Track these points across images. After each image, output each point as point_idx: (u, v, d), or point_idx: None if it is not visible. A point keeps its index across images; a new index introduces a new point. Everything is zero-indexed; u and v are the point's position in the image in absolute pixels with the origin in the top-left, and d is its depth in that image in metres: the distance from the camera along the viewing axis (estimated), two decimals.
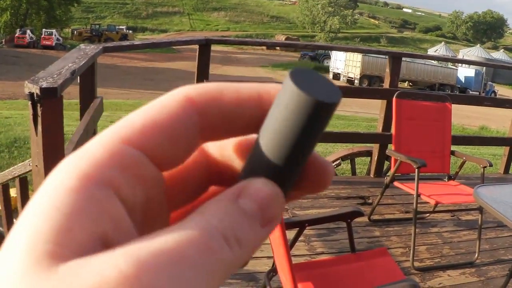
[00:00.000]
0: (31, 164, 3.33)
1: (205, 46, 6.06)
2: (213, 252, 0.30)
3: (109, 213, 0.30)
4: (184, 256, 0.28)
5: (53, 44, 54.88)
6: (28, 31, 55.95)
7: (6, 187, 4.59)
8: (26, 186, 4.24)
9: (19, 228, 0.28)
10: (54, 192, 0.29)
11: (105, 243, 0.29)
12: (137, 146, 0.33)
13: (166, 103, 0.35)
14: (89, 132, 4.42)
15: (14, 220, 4.62)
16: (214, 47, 6.39)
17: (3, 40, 57.56)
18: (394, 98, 5.34)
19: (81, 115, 4.73)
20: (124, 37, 65.69)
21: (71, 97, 9.16)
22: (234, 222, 0.32)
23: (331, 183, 0.39)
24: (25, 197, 4.10)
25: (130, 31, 74.64)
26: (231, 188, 0.34)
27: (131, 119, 0.34)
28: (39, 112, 2.87)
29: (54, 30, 57.61)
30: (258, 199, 0.33)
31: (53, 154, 3.00)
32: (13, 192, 5.19)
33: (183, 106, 0.35)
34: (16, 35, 55.59)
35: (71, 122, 10.42)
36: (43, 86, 2.82)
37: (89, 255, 0.28)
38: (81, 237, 0.28)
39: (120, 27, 75.87)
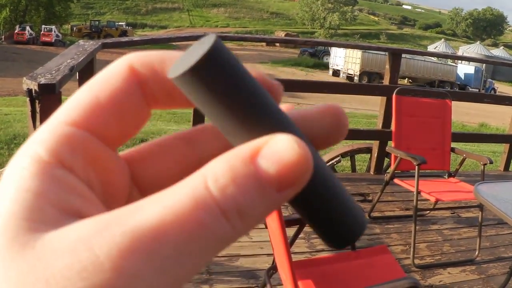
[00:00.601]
0: None
1: None
2: (204, 227, 0.28)
3: (74, 190, 0.30)
4: (167, 236, 0.27)
5: (53, 41, 54.87)
6: (28, 28, 55.92)
7: None
8: None
9: None
10: (18, 177, 0.29)
11: (78, 217, 0.29)
12: (82, 127, 0.33)
13: (108, 78, 0.35)
14: None
15: None
16: None
17: (3, 37, 57.52)
18: (394, 95, 5.32)
19: None
20: (124, 33, 65.69)
21: (70, 94, 9.14)
22: (240, 190, 0.29)
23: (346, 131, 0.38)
24: None
25: (130, 28, 74.67)
26: (248, 143, 0.31)
27: (76, 99, 0.34)
28: (38, 109, 2.86)
29: (53, 27, 57.55)
30: (282, 160, 0.30)
31: None
32: None
33: (125, 79, 0.35)
34: (16, 31, 55.59)
35: None
36: (41, 82, 2.80)
37: (64, 227, 0.28)
38: (53, 212, 0.28)
39: (120, 23, 75.69)
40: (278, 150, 0.30)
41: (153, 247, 0.27)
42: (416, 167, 4.58)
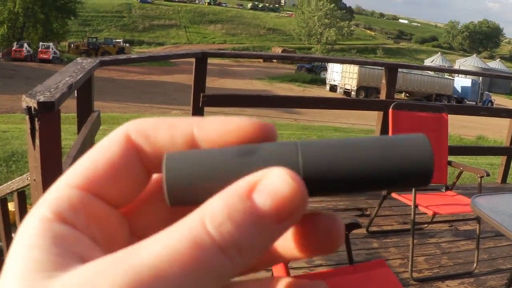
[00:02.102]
0: (29, 178, 3.33)
1: (201, 59, 6.08)
2: (203, 265, 0.30)
3: (76, 241, 0.34)
4: (167, 274, 0.29)
5: (50, 58, 54.78)
6: (25, 45, 55.82)
7: (4, 201, 4.59)
8: (24, 200, 4.25)
9: (10, 263, 0.33)
10: (27, 236, 0.33)
11: (82, 262, 0.32)
12: (84, 189, 0.37)
13: (107, 146, 0.38)
14: (87, 146, 4.42)
15: (13, 234, 4.63)
16: (210, 60, 6.41)
17: (0, 54, 57.49)
18: (390, 109, 5.34)
19: (79, 129, 4.72)
20: (121, 50, 65.69)
21: (69, 111, 9.16)
22: (237, 227, 0.31)
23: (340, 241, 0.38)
24: (23, 211, 4.10)
25: (127, 44, 74.58)
26: (244, 179, 0.33)
27: (79, 164, 0.38)
28: (37, 126, 2.87)
29: (51, 44, 57.50)
30: (277, 194, 0.32)
31: (51, 168, 3.00)
32: (11, 206, 5.19)
33: (122, 147, 0.38)
34: (13, 48, 55.43)
35: (69, 136, 10.43)
36: (40, 100, 2.82)
37: (71, 270, 0.31)
38: (60, 261, 0.32)
39: (117, 40, 75.81)
40: (273, 184, 0.32)
41: (153, 285, 0.29)
42: None
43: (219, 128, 0.37)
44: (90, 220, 0.36)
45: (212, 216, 0.31)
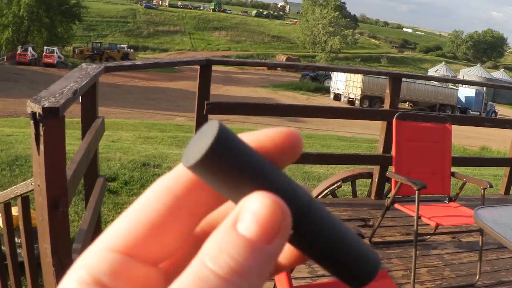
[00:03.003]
0: (33, 183, 3.33)
1: (206, 66, 6.07)
2: None
3: None
4: None
5: (55, 62, 54.80)
6: (30, 49, 55.87)
7: (7, 205, 4.59)
8: (27, 205, 4.24)
9: None
10: None
11: None
12: (124, 253, 0.37)
13: (149, 203, 0.38)
14: (91, 152, 4.43)
15: (16, 239, 4.63)
16: (215, 67, 6.41)
17: (5, 57, 57.53)
18: (394, 120, 5.34)
19: (83, 134, 4.73)
20: (126, 55, 65.69)
21: (73, 116, 9.17)
22: (231, 256, 0.33)
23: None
24: (26, 216, 4.09)
25: (132, 50, 74.61)
26: (230, 214, 0.36)
27: (119, 225, 0.38)
28: (41, 132, 2.88)
29: (55, 48, 57.51)
30: (257, 217, 0.35)
31: (54, 174, 3.01)
32: (15, 211, 5.19)
33: (164, 203, 0.38)
34: (18, 52, 55.52)
35: (73, 141, 10.42)
36: (45, 106, 2.82)
37: None
38: None
39: (122, 45, 75.76)
40: (252, 208, 0.35)
41: None
42: (417, 192, 4.59)
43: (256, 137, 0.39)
44: (128, 285, 0.36)
45: (208, 254, 0.33)
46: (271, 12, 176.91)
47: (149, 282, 0.38)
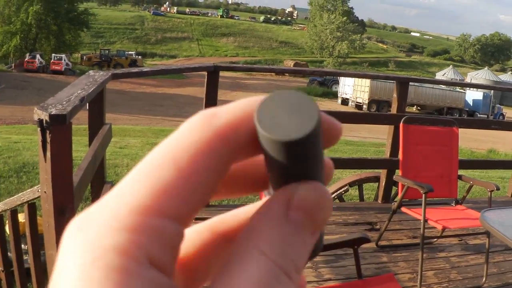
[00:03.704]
0: (39, 190, 3.34)
1: (213, 72, 6.09)
2: None
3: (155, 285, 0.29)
4: None
5: (62, 69, 54.92)
6: (38, 56, 56.02)
7: (14, 212, 4.61)
8: (34, 212, 4.26)
9: None
10: (101, 272, 0.28)
11: None
12: (156, 213, 0.31)
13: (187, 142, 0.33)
14: (98, 159, 4.45)
15: (22, 245, 4.65)
16: (223, 73, 6.42)
17: (13, 65, 57.70)
18: (401, 124, 5.36)
19: (90, 141, 4.75)
20: (133, 62, 65.78)
21: (80, 123, 9.20)
22: (292, 249, 0.32)
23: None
24: (33, 223, 4.12)
25: (139, 57, 74.69)
26: (276, 199, 0.34)
27: (141, 183, 0.32)
28: (48, 139, 2.90)
29: (63, 55, 57.67)
30: (308, 206, 0.33)
31: (61, 181, 3.02)
32: (21, 217, 5.22)
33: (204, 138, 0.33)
34: (26, 59, 55.64)
35: (80, 147, 10.46)
36: (52, 113, 2.84)
37: None
38: None
39: (129, 52, 75.93)
40: (307, 199, 0.33)
41: None
42: (423, 195, 4.60)
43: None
44: (167, 251, 0.31)
45: (268, 245, 0.31)
46: (279, 18, 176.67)
47: (179, 242, 0.33)
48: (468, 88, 55.04)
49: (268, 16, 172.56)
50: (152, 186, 0.31)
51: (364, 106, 50.85)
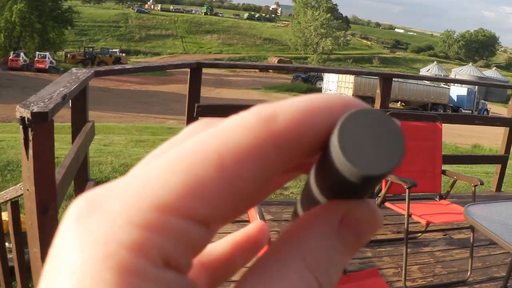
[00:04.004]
0: (22, 188, 3.33)
1: (196, 69, 6.09)
2: None
3: None
4: None
5: (47, 67, 54.85)
6: (22, 54, 55.92)
7: None
8: (17, 210, 4.24)
9: None
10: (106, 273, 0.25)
11: None
12: (182, 215, 0.27)
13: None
14: (81, 156, 4.44)
15: (6, 243, 4.63)
16: (206, 70, 6.42)
17: None
18: None
19: (73, 139, 4.74)
20: (118, 60, 65.80)
21: (64, 120, 9.14)
22: (334, 267, 0.31)
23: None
24: (16, 221, 4.09)
25: (124, 54, 74.68)
26: (330, 211, 0.32)
27: (174, 175, 0.28)
28: (30, 136, 2.89)
29: (47, 53, 57.55)
30: (360, 228, 0.32)
31: (43, 178, 3.01)
32: (5, 215, 5.19)
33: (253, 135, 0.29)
34: (10, 57, 55.51)
35: (64, 145, 10.43)
36: (34, 111, 2.83)
37: None
38: None
39: (114, 50, 75.79)
40: (359, 219, 0.32)
41: None
42: (407, 190, 4.60)
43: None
44: (186, 252, 0.28)
45: (311, 256, 0.30)
46: (263, 15, 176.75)
47: (203, 244, 0.30)
48: (452, 84, 55.22)
49: (252, 13, 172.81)
50: (186, 182, 0.27)
51: None
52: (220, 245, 0.40)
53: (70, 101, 4.44)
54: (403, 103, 54.45)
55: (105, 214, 0.27)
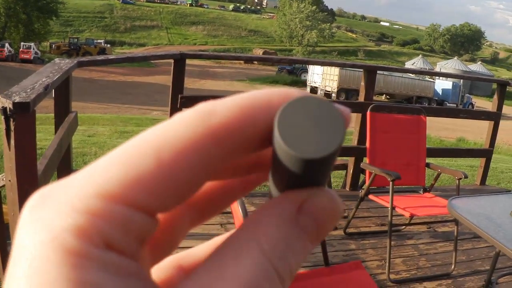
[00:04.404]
0: (4, 178, 3.31)
1: (180, 60, 6.07)
2: None
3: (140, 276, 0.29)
4: None
5: (31, 58, 54.71)
6: (7, 45, 55.73)
7: None
8: (0, 200, 4.22)
9: None
10: (57, 258, 0.27)
11: None
12: (122, 201, 0.29)
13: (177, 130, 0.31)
14: (63, 147, 4.41)
15: None
16: (191, 61, 6.43)
17: None
18: (368, 112, 5.37)
19: (56, 129, 4.72)
20: (102, 51, 65.58)
21: (49, 111, 9.08)
22: (292, 254, 0.31)
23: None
24: None
25: (108, 45, 74.38)
26: (289, 199, 0.32)
27: (115, 167, 0.30)
28: (12, 127, 2.86)
29: (32, 44, 57.42)
30: (320, 215, 0.32)
31: (25, 169, 2.99)
32: None
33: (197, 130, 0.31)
34: None
35: (48, 136, 10.37)
36: (15, 101, 2.81)
37: None
38: None
39: (99, 41, 75.54)
40: (319, 207, 0.32)
41: None
42: (391, 182, 4.60)
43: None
44: (129, 238, 0.30)
45: (269, 242, 0.30)
46: (248, 6, 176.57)
47: (147, 231, 0.31)
48: (437, 77, 55.36)
49: (238, 4, 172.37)
50: (126, 173, 0.29)
51: (333, 95, 50.93)
52: (201, 249, 0.40)
53: (53, 91, 4.41)
54: (388, 96, 54.52)
55: (53, 204, 0.29)
